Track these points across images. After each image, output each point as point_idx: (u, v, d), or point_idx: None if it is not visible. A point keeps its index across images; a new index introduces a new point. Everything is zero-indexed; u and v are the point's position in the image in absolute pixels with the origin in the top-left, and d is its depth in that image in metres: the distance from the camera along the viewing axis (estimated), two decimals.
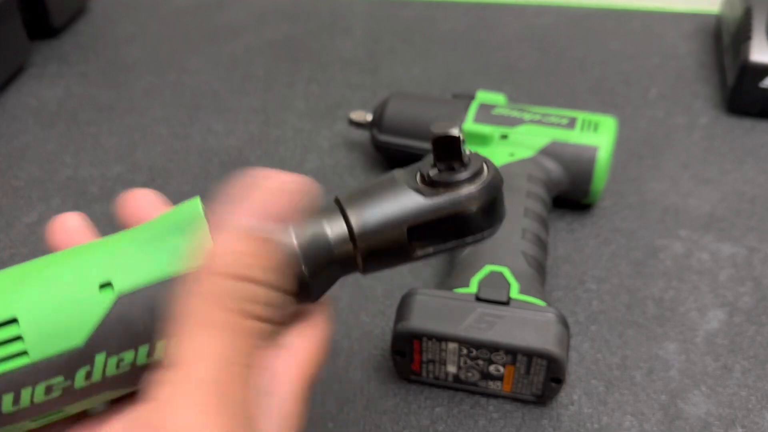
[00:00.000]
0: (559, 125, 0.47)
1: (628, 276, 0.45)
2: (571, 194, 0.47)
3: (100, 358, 0.23)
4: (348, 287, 0.44)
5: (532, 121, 0.47)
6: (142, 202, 0.28)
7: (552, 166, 0.46)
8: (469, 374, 0.37)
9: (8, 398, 0.23)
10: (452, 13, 0.74)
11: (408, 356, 0.37)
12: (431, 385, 0.39)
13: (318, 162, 0.55)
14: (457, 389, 0.39)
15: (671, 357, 0.40)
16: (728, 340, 0.41)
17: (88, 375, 0.23)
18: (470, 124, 0.48)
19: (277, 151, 0.56)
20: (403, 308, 0.37)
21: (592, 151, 0.46)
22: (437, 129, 0.24)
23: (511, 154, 0.46)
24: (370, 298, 0.44)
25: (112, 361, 0.23)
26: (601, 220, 0.49)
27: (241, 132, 0.58)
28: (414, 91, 0.62)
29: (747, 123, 0.57)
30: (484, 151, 0.47)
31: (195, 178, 0.53)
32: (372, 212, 0.25)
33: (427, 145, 0.49)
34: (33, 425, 0.24)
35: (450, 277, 0.40)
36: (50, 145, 0.57)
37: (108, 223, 0.50)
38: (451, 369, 0.37)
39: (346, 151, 0.56)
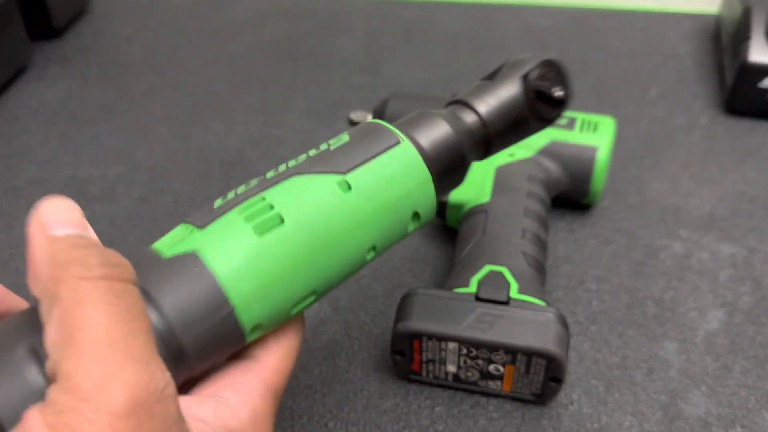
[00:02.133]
0: (558, 125, 0.47)
1: (628, 276, 0.45)
2: (570, 194, 0.47)
3: None
4: (348, 287, 0.44)
5: None
6: None
7: (551, 166, 0.46)
8: (469, 374, 0.37)
9: None
10: (452, 13, 0.74)
11: (408, 356, 0.37)
12: (431, 384, 0.39)
13: None
14: (456, 389, 0.39)
15: (671, 357, 0.40)
16: (728, 340, 0.41)
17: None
18: None
19: (277, 151, 0.56)
20: (403, 308, 0.37)
21: (592, 151, 0.46)
22: (550, 56, 0.31)
23: (511, 155, 0.46)
24: (370, 298, 0.44)
25: None
26: (601, 220, 0.49)
27: (241, 132, 0.58)
28: (414, 91, 0.62)
29: (746, 123, 0.57)
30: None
31: (195, 178, 0.53)
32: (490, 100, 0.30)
33: None
34: None
35: (450, 277, 0.40)
36: (51, 145, 0.57)
37: (109, 223, 0.50)
38: (451, 369, 0.37)
39: None
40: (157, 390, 0.19)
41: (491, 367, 0.36)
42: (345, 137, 0.28)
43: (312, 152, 0.28)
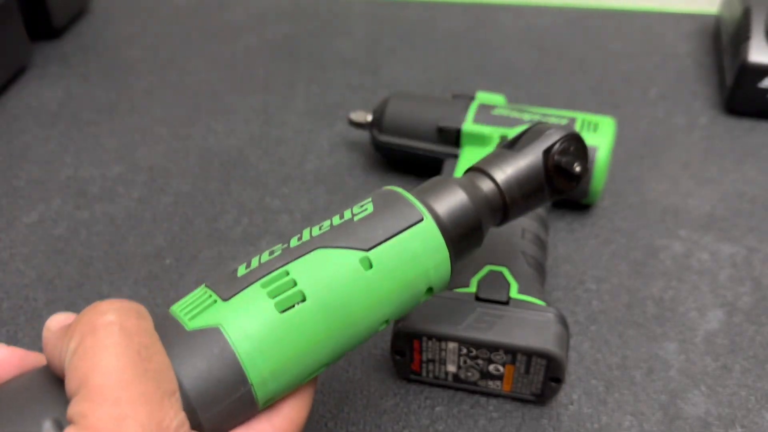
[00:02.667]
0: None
1: (627, 276, 0.45)
2: (570, 194, 0.47)
3: None
4: None
5: (531, 122, 0.48)
6: None
7: None
8: (469, 374, 0.37)
9: None
10: (452, 13, 0.74)
11: (408, 356, 0.37)
12: (431, 384, 0.39)
13: (318, 162, 0.55)
14: (456, 389, 0.39)
15: (671, 357, 0.40)
16: (728, 340, 0.41)
17: None
18: (470, 124, 0.48)
19: (277, 151, 0.56)
20: None
21: (592, 151, 0.46)
22: (573, 130, 0.32)
23: None
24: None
25: None
26: (601, 220, 0.49)
27: (241, 132, 0.58)
28: (414, 91, 0.62)
29: (746, 123, 0.57)
30: (483, 152, 0.47)
31: (195, 178, 0.54)
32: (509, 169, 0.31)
33: (426, 146, 0.50)
34: None
35: None
36: (51, 145, 0.57)
37: (109, 223, 0.50)
38: (451, 368, 0.37)
39: (346, 151, 0.56)
40: (170, 429, 0.20)
41: (491, 367, 0.36)
42: (369, 207, 0.28)
43: (336, 220, 0.28)
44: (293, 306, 0.25)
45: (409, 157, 0.51)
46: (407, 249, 0.27)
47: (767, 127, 0.56)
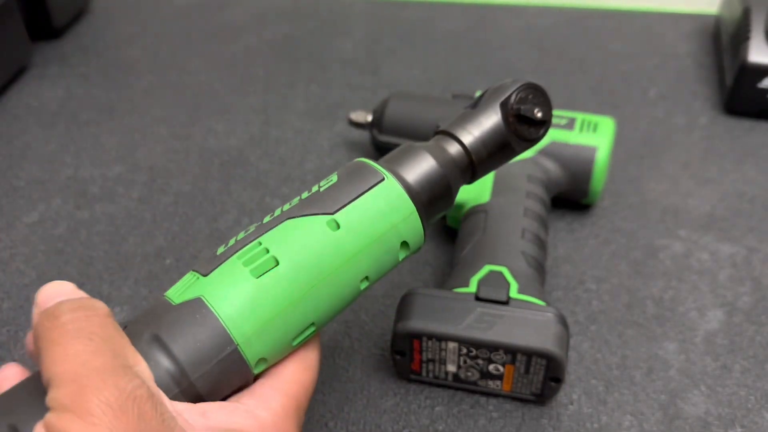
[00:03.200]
0: (558, 126, 0.47)
1: (627, 276, 0.45)
2: (570, 194, 0.47)
3: None
4: None
5: None
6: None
7: (551, 167, 0.46)
8: (469, 373, 0.37)
9: None
10: (452, 13, 0.74)
11: (408, 356, 0.37)
12: (431, 384, 0.39)
13: (318, 162, 0.55)
14: (456, 388, 0.39)
15: (671, 357, 0.40)
16: (727, 340, 0.41)
17: None
18: None
19: (277, 151, 0.56)
20: (402, 308, 0.37)
21: (591, 151, 0.46)
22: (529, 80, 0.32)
23: None
24: (370, 297, 0.44)
25: None
26: (600, 220, 0.49)
27: (241, 132, 0.58)
28: (414, 91, 0.62)
29: (746, 123, 0.57)
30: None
31: (195, 178, 0.54)
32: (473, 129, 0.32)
33: None
34: None
35: (450, 277, 0.40)
36: (51, 146, 0.57)
37: (109, 223, 0.50)
38: (451, 368, 0.37)
39: (346, 151, 0.56)
40: (126, 391, 0.23)
41: (491, 367, 0.36)
42: (334, 178, 0.30)
43: (304, 195, 0.30)
44: (268, 271, 0.27)
45: None
46: (372, 207, 0.29)
47: (767, 127, 0.56)
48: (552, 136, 0.47)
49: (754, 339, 0.41)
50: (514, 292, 0.37)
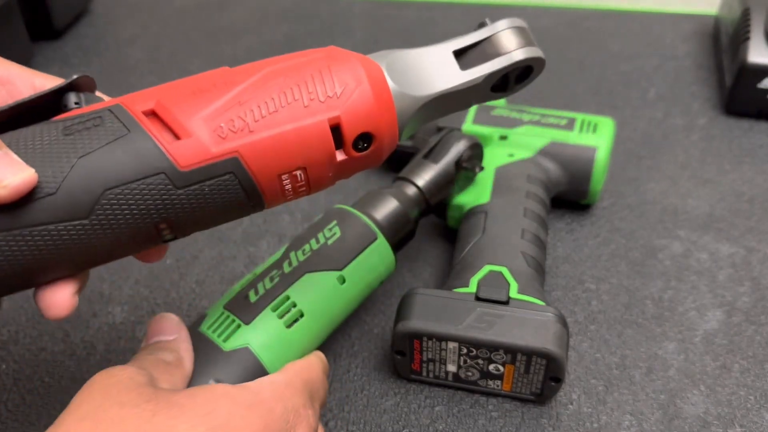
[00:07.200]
0: (557, 126, 0.47)
1: (627, 276, 0.45)
2: (570, 194, 0.48)
3: None
4: None
5: (531, 122, 0.48)
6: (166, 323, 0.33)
7: (551, 167, 0.46)
8: (469, 373, 0.37)
9: None
10: (452, 13, 0.74)
11: (408, 355, 0.37)
12: (431, 384, 0.39)
13: None
14: (456, 388, 0.39)
15: (670, 356, 0.40)
16: (727, 340, 0.41)
17: None
18: (470, 125, 0.48)
19: None
20: (403, 308, 0.37)
21: (591, 151, 0.46)
22: (475, 140, 0.45)
23: (511, 155, 0.46)
24: (370, 297, 0.44)
25: None
26: (600, 221, 0.49)
27: None
28: None
29: (745, 124, 0.57)
30: (483, 152, 0.47)
31: None
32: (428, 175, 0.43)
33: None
34: None
35: (450, 277, 0.40)
36: None
37: None
38: (451, 368, 0.37)
39: None
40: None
41: (491, 367, 0.36)
42: (337, 231, 0.38)
43: (314, 244, 0.38)
44: (295, 322, 0.35)
45: (408, 158, 0.51)
46: (368, 262, 0.38)
47: (766, 128, 0.57)
48: (552, 136, 0.47)
49: (753, 339, 0.41)
50: (514, 292, 0.37)
